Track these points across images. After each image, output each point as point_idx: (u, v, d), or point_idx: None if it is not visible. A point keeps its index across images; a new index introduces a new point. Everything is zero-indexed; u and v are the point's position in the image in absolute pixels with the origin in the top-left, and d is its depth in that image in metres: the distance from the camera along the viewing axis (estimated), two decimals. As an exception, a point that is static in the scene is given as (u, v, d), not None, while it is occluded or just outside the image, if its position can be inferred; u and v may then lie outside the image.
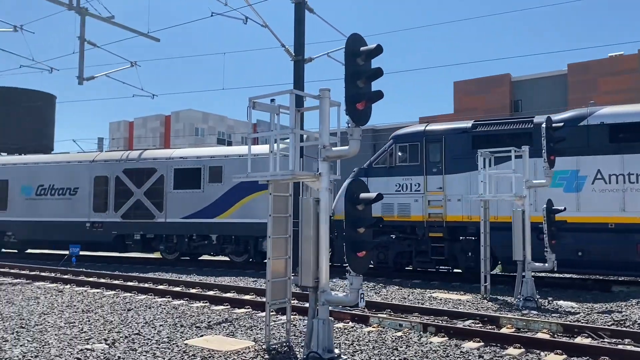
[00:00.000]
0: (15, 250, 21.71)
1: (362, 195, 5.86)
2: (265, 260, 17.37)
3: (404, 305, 9.57)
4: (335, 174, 6.67)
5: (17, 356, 6.27)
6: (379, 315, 8.57)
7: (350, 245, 5.74)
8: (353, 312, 8.68)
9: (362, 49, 5.80)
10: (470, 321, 8.60)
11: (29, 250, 22.33)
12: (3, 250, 21.56)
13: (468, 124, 13.89)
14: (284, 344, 6.85)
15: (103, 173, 19.16)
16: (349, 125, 5.98)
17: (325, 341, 5.90)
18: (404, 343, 7.11)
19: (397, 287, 12.49)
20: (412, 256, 14.10)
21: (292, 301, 7.71)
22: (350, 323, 8.41)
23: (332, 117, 6.32)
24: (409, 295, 11.29)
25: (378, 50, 5.71)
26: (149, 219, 18.11)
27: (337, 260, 14.83)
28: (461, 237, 13.53)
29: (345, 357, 6.19)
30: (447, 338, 7.42)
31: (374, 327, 8.08)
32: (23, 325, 7.98)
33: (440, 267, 14.35)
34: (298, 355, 6.43)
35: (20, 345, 6.78)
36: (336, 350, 6.04)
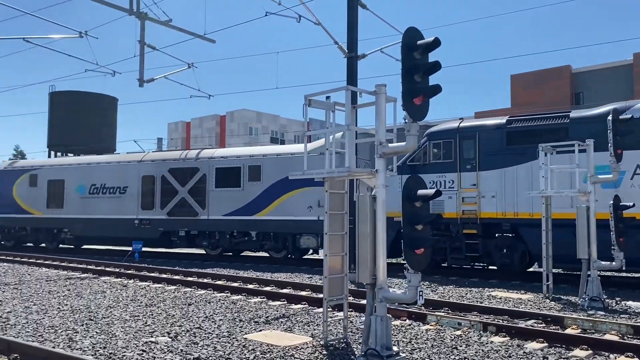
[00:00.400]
0: (72, 246, 22.92)
1: (420, 191, 5.78)
2: (304, 257, 18.72)
3: (462, 304, 9.39)
4: (392, 171, 6.60)
5: (87, 347, 6.58)
6: (437, 313, 8.43)
7: (409, 242, 5.67)
8: (410, 309, 8.58)
9: (419, 42, 5.71)
10: (533, 321, 8.33)
11: (85, 246, 23.53)
12: (61, 246, 22.78)
13: (502, 120, 13.75)
14: (342, 340, 6.86)
15: (150, 172, 19.94)
16: (406, 120, 5.91)
17: (384, 338, 5.86)
18: (463, 342, 6.97)
19: (454, 286, 12.26)
20: (447, 253, 14.07)
21: (349, 298, 7.71)
22: (407, 321, 8.33)
23: (387, 113, 6.26)
24: (466, 294, 11.06)
25: (436, 43, 5.61)
26: (192, 216, 18.73)
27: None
28: (496, 234, 13.44)
29: (403, 354, 6.13)
30: (508, 338, 7.22)
31: (431, 326, 7.96)
32: (91, 318, 8.36)
33: (475, 264, 14.19)
34: (356, 352, 6.43)
35: (90, 337, 7.11)
36: (394, 348, 5.99)
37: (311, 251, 18.42)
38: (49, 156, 33.34)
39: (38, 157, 25.92)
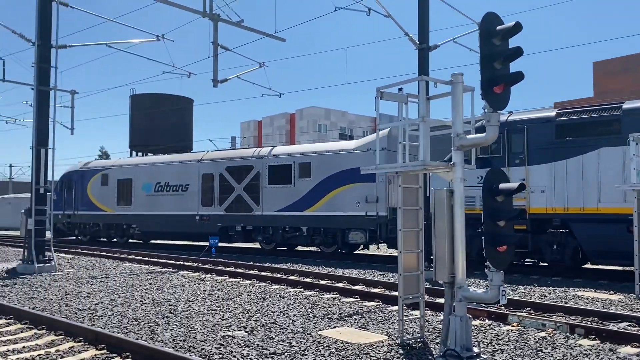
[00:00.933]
0: (141, 241, 24.35)
1: (502, 185, 5.48)
2: (355, 252, 18.97)
3: (545, 304, 8.89)
4: (470, 164, 6.31)
5: (168, 339, 6.79)
6: (519, 313, 8.02)
7: (491, 239, 5.40)
8: (490, 309, 8.23)
9: (498, 28, 5.40)
10: (626, 323, 7.74)
11: (153, 241, 24.81)
12: (130, 240, 24.25)
13: (552, 112, 13.26)
14: (418, 340, 6.67)
15: (209, 171, 20.83)
16: (485, 110, 5.62)
17: (463, 339, 5.63)
18: (548, 344, 6.57)
19: (535, 285, 11.66)
20: None
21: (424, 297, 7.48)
22: (487, 321, 7.99)
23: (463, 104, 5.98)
24: (549, 294, 10.48)
25: (517, 28, 5.29)
26: (247, 212, 19.52)
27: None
28: (549, 230, 12.98)
29: (485, 356, 5.86)
30: (598, 341, 6.73)
31: (513, 326, 7.58)
32: (172, 311, 8.65)
33: (525, 260, 13.74)
34: (434, 352, 6.22)
35: (170, 330, 7.34)
36: (475, 349, 5.73)
37: (362, 246, 18.54)
38: (130, 155, 35.07)
39: (121, 157, 27.97)
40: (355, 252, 18.85)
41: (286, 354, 6.10)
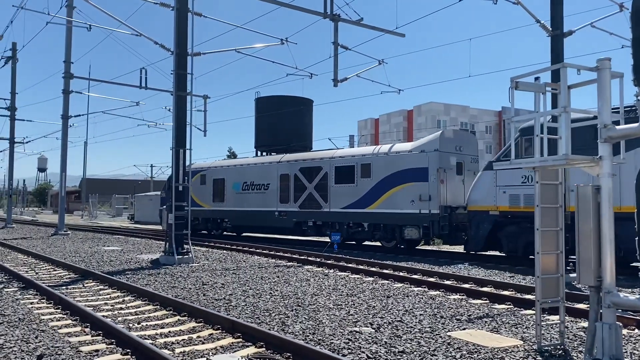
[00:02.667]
0: (234, 234, 26.86)
1: (660, 180, 4.91)
2: (417, 247, 19.54)
3: None
4: (620, 157, 5.75)
5: (298, 332, 7.00)
6: (676, 325, 7.16)
7: (646, 239, 4.86)
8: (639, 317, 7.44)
9: (655, 5, 4.84)
10: None
11: (245, 234, 27.06)
12: (224, 233, 26.79)
13: (592, 115, 11.88)
14: (558, 347, 6.21)
15: (286, 172, 22.90)
16: (638, 98, 5.08)
17: (613, 349, 5.14)
18: None
19: (695, 293, 10.35)
20: None
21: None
22: (637, 330, 7.23)
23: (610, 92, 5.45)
24: None
25: (678, 3, 4.70)
26: (317, 208, 21.25)
27: (467, 248, 16.26)
28: None
29: (638, 370, 5.30)
30: None
31: (670, 339, 6.78)
32: (299, 304, 8.92)
33: (570, 257, 13.24)
34: (576, 362, 5.76)
35: (300, 322, 7.57)
36: (627, 361, 5.21)
37: (422, 242, 19.49)
38: (256, 155, 36.95)
39: (248, 157, 30.35)
40: (417, 247, 19.91)
41: (415, 353, 6.00)
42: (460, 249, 18.39)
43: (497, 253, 16.56)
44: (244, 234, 27.19)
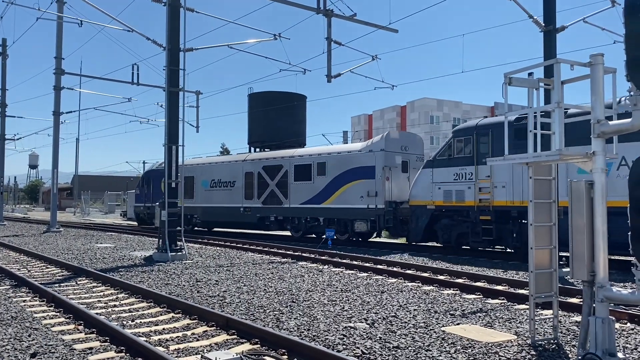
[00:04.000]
0: (205, 229, 27.84)
1: (653, 175, 4.95)
2: (369, 239, 20.84)
3: (700, 309, 7.91)
4: (613, 153, 5.78)
5: (293, 328, 7.00)
6: (668, 318, 7.23)
7: (638, 234, 4.89)
8: (632, 311, 7.50)
9: (648, 1, 4.86)
10: None
11: (215, 229, 28.13)
12: (195, 228, 27.64)
13: (512, 118, 14.62)
14: (552, 341, 6.26)
15: (250, 170, 24.06)
16: (631, 93, 5.10)
17: (606, 343, 5.18)
18: None
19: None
20: (469, 237, 15.77)
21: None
22: (629, 324, 7.29)
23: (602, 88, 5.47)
24: None
25: (671, -1, 4.72)
26: (279, 204, 22.60)
27: (409, 240, 18.05)
28: (508, 220, 14.82)
29: (630, 363, 5.35)
30: None
31: (662, 332, 6.84)
32: (294, 300, 8.92)
33: (496, 246, 15.70)
34: (570, 355, 5.79)
35: (294, 318, 7.57)
36: (620, 355, 5.25)
37: (375, 234, 20.78)
38: (249, 151, 36.96)
39: (241, 153, 30.68)
40: (369, 240, 21.25)
41: (410, 348, 6.02)
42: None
43: (434, 244, 18.07)
44: (215, 229, 28.29)
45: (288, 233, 23.38)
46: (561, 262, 11.71)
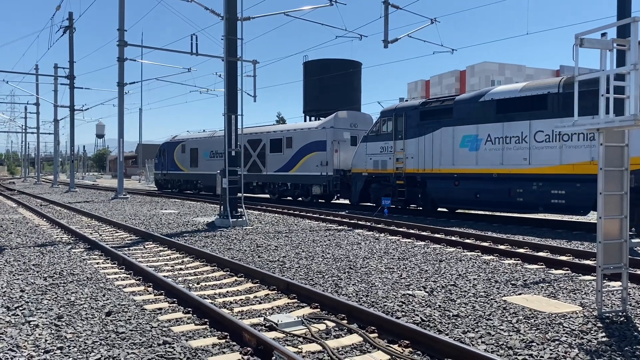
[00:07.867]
0: (211, 194, 31.32)
1: None
2: (315, 201, 24.95)
3: None
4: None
5: (352, 294, 7.11)
6: None
7: None
8: None
9: None
10: None
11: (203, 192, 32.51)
12: (201, 193, 32.41)
13: (419, 102, 18.80)
14: (620, 314, 6.05)
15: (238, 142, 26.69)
16: None
17: (680, 317, 4.95)
18: None
19: None
20: (391, 197, 19.18)
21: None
22: None
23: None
24: None
25: None
26: (259, 172, 27.22)
27: (351, 201, 22.03)
28: (415, 185, 18.62)
29: None
30: None
31: None
32: (351, 267, 9.02)
33: (410, 205, 19.56)
34: (639, 328, 5.59)
35: (352, 285, 7.67)
36: (694, 330, 5.02)
37: (336, 197, 25.06)
38: (305, 120, 37.20)
39: (297, 122, 32.24)
40: (320, 200, 25.05)
41: (470, 317, 5.99)
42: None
43: (369, 204, 21.20)
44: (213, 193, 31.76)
45: (267, 195, 28.03)
46: (631, 233, 11.21)
